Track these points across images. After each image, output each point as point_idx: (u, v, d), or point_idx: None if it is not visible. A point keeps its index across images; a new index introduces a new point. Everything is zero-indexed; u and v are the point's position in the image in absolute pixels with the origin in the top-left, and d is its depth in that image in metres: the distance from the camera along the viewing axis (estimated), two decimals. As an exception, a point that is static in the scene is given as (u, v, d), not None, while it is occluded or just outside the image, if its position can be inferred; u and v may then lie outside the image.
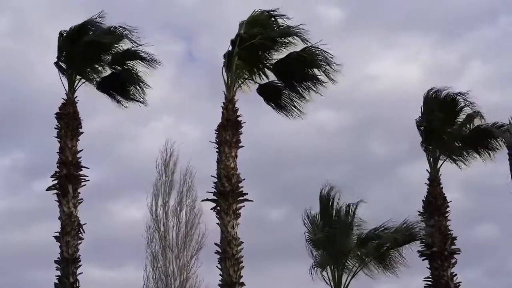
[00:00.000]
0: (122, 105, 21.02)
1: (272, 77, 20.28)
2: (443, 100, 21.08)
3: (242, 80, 19.99)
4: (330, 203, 20.42)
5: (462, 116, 21.31)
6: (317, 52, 19.52)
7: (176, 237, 31.42)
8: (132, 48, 20.17)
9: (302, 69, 19.90)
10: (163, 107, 40.88)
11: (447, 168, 21.16)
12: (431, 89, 21.17)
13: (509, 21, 47.59)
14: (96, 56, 20.28)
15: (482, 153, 21.46)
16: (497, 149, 21.34)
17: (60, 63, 20.12)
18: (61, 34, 20.10)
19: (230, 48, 19.67)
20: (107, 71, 20.74)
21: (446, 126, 21.06)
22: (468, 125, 21.29)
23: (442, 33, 46.64)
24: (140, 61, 20.37)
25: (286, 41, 19.78)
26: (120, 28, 19.95)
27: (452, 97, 21.10)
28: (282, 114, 20.58)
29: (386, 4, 46.38)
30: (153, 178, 32.27)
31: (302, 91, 20.16)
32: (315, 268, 19.80)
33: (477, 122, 21.10)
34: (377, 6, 45.61)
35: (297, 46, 19.71)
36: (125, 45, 20.20)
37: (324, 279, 19.90)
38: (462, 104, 21.13)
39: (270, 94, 20.52)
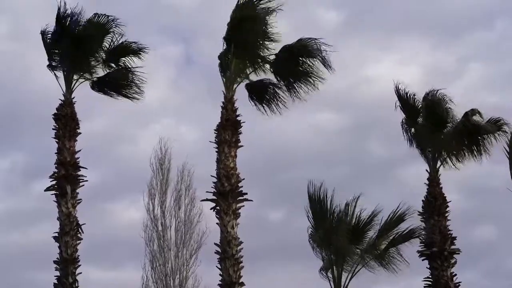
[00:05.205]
0: (116, 98, 20.85)
1: (269, 73, 20.03)
2: (429, 102, 20.97)
3: (241, 79, 19.91)
4: (317, 201, 20.15)
5: (451, 117, 21.22)
6: (311, 42, 19.32)
7: (175, 235, 31.34)
8: (124, 42, 20.06)
9: (297, 61, 19.59)
10: (162, 109, 40.88)
11: (445, 169, 21.17)
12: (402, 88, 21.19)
13: (506, 24, 47.63)
14: (88, 50, 19.97)
15: (477, 151, 21.26)
16: (490, 147, 21.17)
17: (53, 63, 19.99)
18: (43, 33, 19.81)
19: (226, 47, 19.56)
20: (102, 70, 20.51)
21: (435, 127, 20.96)
22: (463, 124, 21.16)
23: (440, 35, 46.60)
24: (133, 55, 20.23)
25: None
26: (103, 17, 19.73)
27: (437, 99, 21.00)
28: (270, 111, 20.36)
29: (384, 7, 46.34)
30: (148, 177, 32.18)
31: (298, 86, 19.85)
32: (324, 271, 19.62)
33: (476, 119, 20.98)
34: (375, 8, 45.55)
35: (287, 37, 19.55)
36: (114, 38, 20.07)
37: (329, 282, 19.75)
38: (447, 106, 21.07)
39: (258, 93, 20.23)
